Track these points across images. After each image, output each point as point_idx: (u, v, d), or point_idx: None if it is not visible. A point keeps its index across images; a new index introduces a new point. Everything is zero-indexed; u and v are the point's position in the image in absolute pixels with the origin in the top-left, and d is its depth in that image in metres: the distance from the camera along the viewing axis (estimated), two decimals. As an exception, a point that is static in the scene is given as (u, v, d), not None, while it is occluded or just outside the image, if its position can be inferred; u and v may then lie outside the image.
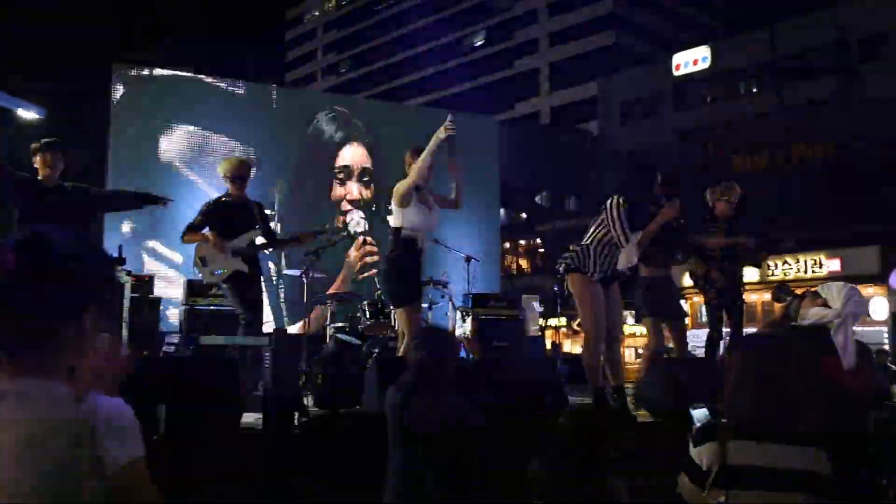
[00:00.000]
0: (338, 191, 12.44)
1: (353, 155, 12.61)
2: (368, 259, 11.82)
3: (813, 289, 3.42)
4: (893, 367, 7.20)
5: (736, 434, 2.33)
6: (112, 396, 1.29)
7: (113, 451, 1.22)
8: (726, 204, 6.36)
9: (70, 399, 1.24)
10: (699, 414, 2.98)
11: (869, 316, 21.68)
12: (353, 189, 12.47)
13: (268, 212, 6.43)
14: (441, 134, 5.06)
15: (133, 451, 1.25)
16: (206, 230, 5.72)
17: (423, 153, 5.13)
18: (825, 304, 3.12)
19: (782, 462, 2.29)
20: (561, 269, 5.43)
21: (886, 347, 13.95)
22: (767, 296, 22.70)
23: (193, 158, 11.53)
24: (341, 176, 12.43)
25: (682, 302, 6.95)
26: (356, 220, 12.18)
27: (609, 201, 5.28)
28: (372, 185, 12.58)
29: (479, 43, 48.75)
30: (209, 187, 10.92)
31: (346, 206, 12.38)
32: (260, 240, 5.89)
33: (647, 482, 3.32)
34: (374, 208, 12.41)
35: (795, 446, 2.31)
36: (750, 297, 23.68)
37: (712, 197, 6.45)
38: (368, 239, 11.54)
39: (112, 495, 1.22)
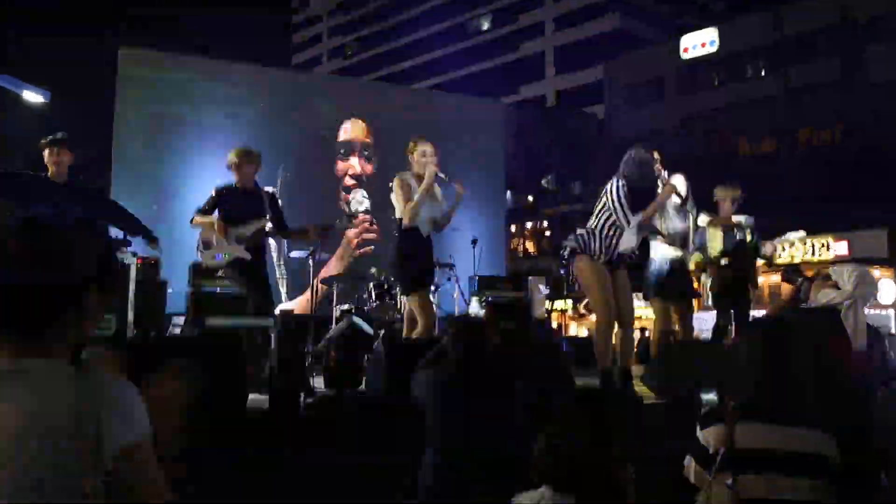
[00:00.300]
0: (340, 167, 12.50)
1: (353, 130, 12.67)
2: (367, 235, 11.87)
3: (824, 271, 3.40)
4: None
5: (743, 417, 2.31)
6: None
7: (114, 430, 1.20)
8: (729, 203, 6.41)
9: (72, 378, 1.24)
10: (706, 397, 2.97)
11: (877, 298, 21.65)
12: (356, 164, 12.53)
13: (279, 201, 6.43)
14: (431, 177, 5.30)
15: (135, 432, 1.24)
16: (214, 215, 5.75)
17: (417, 195, 5.29)
18: (835, 286, 3.10)
19: (789, 445, 2.26)
20: (566, 253, 5.42)
21: (893, 331, 13.93)
22: (775, 278, 22.68)
23: (196, 143, 11.53)
24: (343, 151, 12.50)
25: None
26: (358, 199, 12.21)
27: (609, 185, 5.27)
28: (373, 160, 12.64)
29: (485, 26, 48.52)
30: (212, 172, 10.92)
31: (349, 181, 12.44)
32: (268, 227, 5.90)
33: (653, 465, 3.32)
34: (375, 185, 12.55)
35: (802, 429, 2.29)
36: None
37: (721, 195, 6.50)
38: (369, 218, 11.69)
39: (112, 475, 1.20)
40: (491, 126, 14.64)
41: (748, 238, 6.37)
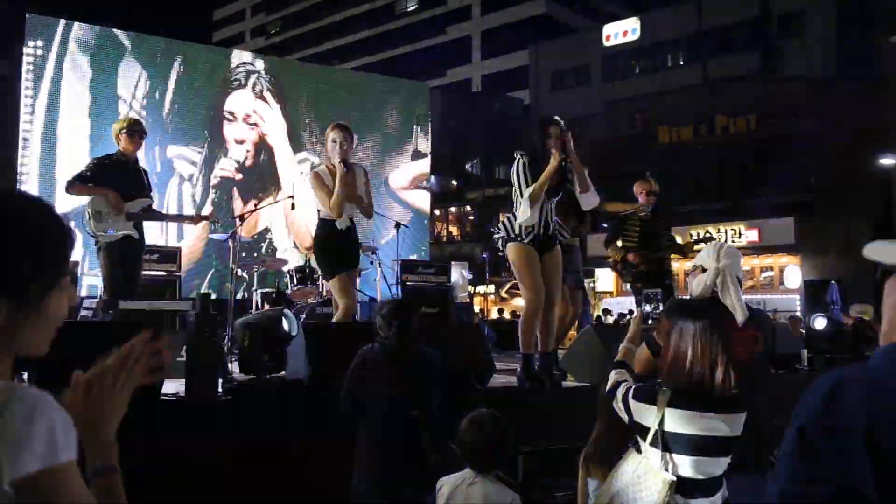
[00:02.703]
0: (226, 130, 12.98)
1: (239, 101, 13.06)
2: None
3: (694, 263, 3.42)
4: (803, 331, 7.51)
5: (673, 403, 2.45)
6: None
7: (7, 462, 1.06)
8: (647, 196, 6.60)
9: None
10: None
11: (783, 284, 22.56)
12: (239, 130, 13.03)
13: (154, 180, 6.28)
14: (341, 171, 5.21)
15: (38, 461, 1.08)
16: (98, 186, 5.49)
17: (336, 190, 5.18)
18: (704, 270, 3.16)
19: (713, 431, 2.44)
20: (500, 244, 5.43)
21: (799, 314, 14.55)
22: (688, 264, 23.40)
23: (108, 115, 11.26)
24: (230, 118, 12.98)
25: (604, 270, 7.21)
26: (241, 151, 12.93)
27: (514, 162, 5.35)
28: (257, 126, 13.13)
29: (413, 7, 48.20)
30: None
31: (231, 144, 12.97)
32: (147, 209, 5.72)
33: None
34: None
35: (723, 414, 2.46)
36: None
37: (638, 189, 6.66)
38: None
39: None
40: (416, 108, 14.62)
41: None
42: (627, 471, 2.53)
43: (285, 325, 4.56)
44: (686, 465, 2.43)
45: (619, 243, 6.64)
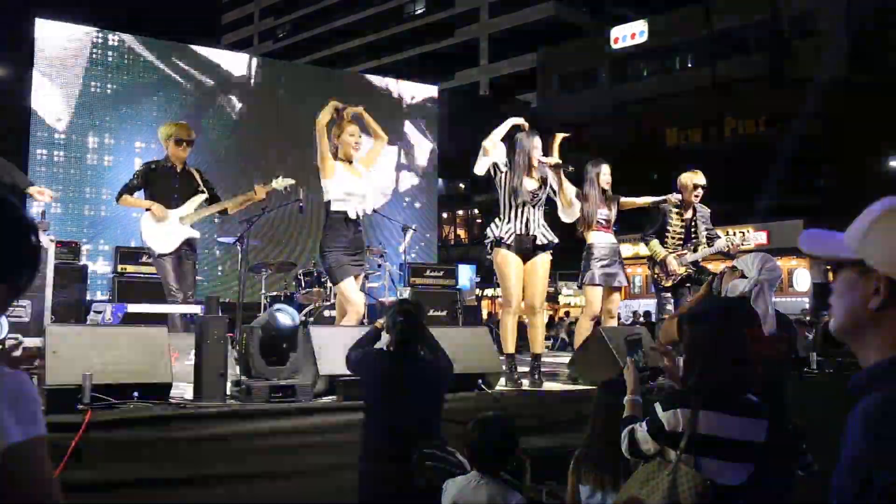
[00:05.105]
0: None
1: (252, 103, 13.33)
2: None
3: (730, 262, 3.50)
4: (810, 336, 7.47)
5: (706, 405, 2.46)
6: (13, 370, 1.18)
7: (8, 425, 1.11)
8: (691, 193, 6.42)
9: None
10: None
11: (792, 286, 22.47)
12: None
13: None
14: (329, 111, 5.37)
15: (26, 430, 1.13)
16: (141, 198, 5.57)
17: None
18: (742, 276, 3.19)
19: (743, 434, 2.46)
20: (489, 247, 5.53)
21: (807, 318, 14.49)
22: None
23: (122, 117, 11.34)
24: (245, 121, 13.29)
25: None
26: None
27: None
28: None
29: (420, 11, 48.26)
30: (140, 148, 10.84)
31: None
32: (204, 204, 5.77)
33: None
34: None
35: (752, 418, 2.48)
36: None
37: (687, 181, 6.49)
38: None
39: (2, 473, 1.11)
40: (424, 112, 14.66)
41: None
42: (658, 479, 2.48)
43: (283, 320, 4.49)
44: (716, 471, 2.42)
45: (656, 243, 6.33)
